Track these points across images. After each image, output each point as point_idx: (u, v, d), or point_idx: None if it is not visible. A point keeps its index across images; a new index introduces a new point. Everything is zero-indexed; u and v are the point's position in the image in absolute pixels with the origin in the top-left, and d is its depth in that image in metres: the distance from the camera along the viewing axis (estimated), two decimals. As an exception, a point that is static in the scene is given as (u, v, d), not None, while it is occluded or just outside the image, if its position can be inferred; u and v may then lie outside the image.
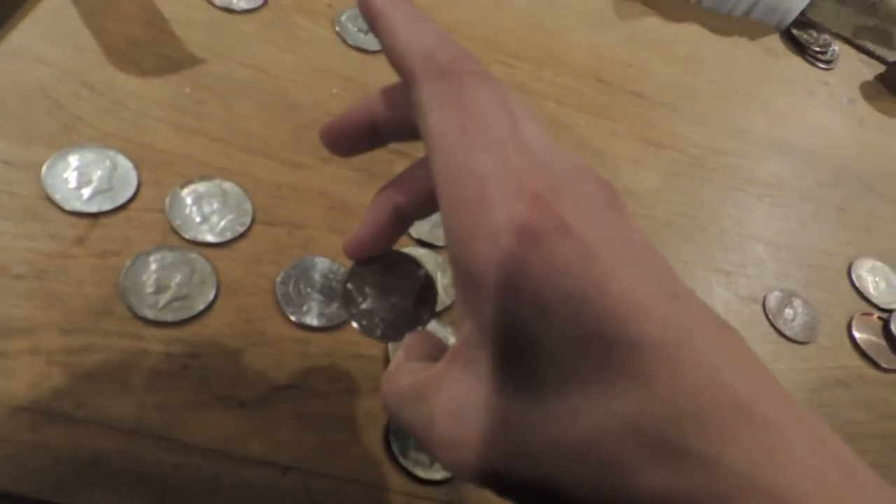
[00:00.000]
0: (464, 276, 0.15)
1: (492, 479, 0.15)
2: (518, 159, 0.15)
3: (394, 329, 0.22)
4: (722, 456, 0.12)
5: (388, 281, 0.22)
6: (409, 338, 0.20)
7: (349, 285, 0.22)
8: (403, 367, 0.19)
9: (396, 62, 0.18)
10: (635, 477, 0.13)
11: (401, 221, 0.21)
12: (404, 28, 0.18)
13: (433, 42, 0.17)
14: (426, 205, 0.21)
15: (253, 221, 0.35)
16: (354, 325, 0.22)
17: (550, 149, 0.17)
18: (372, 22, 0.19)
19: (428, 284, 0.23)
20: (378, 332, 0.22)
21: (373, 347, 0.33)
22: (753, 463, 0.12)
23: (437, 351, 0.20)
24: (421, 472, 0.30)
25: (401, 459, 0.30)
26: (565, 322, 0.14)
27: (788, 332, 0.44)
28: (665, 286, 0.14)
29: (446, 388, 0.16)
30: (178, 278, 0.32)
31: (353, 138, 0.21)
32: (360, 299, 0.22)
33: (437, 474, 0.30)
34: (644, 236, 0.16)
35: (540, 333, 0.14)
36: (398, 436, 0.31)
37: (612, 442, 0.13)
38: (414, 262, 0.22)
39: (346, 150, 0.22)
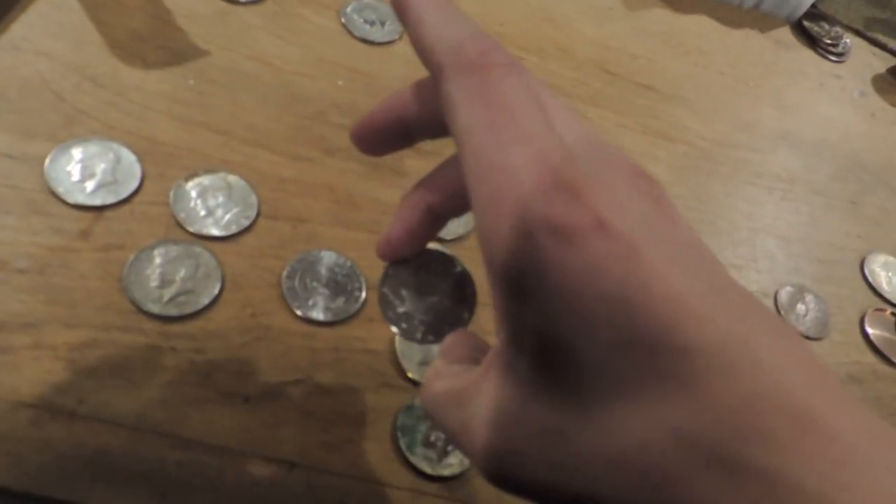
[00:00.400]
0: (498, 278, 0.15)
1: (531, 490, 0.15)
2: (550, 153, 0.14)
3: (434, 330, 0.21)
4: (783, 469, 0.11)
5: (424, 281, 0.21)
6: (448, 339, 0.20)
7: (385, 289, 0.21)
8: (443, 370, 0.18)
9: (425, 57, 0.17)
10: (687, 491, 0.12)
11: (434, 221, 0.21)
12: (434, 21, 0.17)
13: (462, 36, 0.17)
14: (460, 203, 0.20)
15: (258, 215, 0.35)
16: (394, 329, 0.21)
17: (585, 140, 0.16)
18: (401, 14, 0.18)
19: (466, 281, 0.22)
20: (418, 335, 0.21)
21: (380, 342, 0.33)
22: (818, 478, 0.11)
23: (478, 352, 0.19)
24: (428, 469, 0.30)
25: (408, 455, 0.30)
26: (607, 326, 0.13)
27: (800, 328, 0.44)
28: (714, 285, 0.13)
29: (484, 394, 0.16)
30: (182, 272, 0.31)
31: (383, 137, 0.20)
32: (396, 302, 0.21)
33: (445, 470, 0.30)
34: (689, 231, 0.15)
35: (579, 338, 0.13)
36: (405, 432, 0.30)
37: (661, 453, 0.12)
38: (449, 260, 0.22)
39: (376, 150, 0.21)
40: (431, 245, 0.22)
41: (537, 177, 0.14)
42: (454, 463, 0.30)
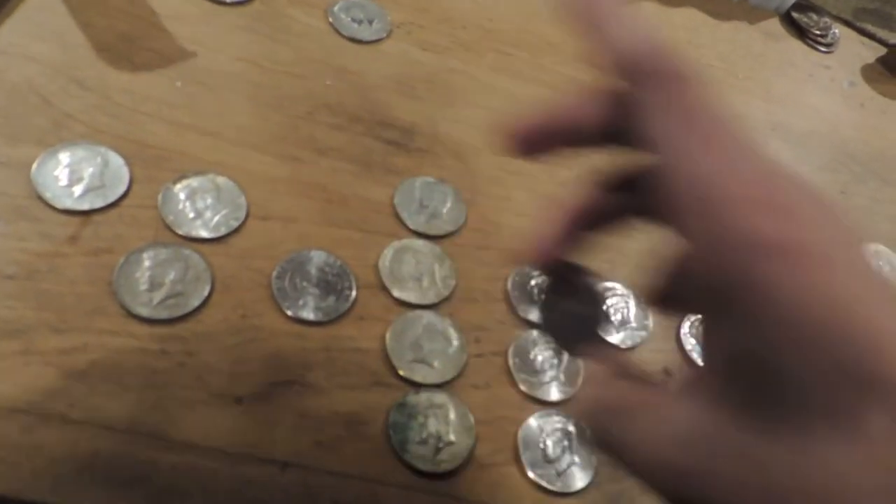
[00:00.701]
0: (710, 293, 0.14)
1: None
2: (757, 170, 0.14)
3: (579, 340, 0.21)
4: None
5: (572, 290, 0.22)
6: (612, 355, 0.20)
7: (544, 295, 0.22)
8: (609, 382, 0.18)
9: (615, 64, 0.18)
10: None
11: (587, 226, 0.21)
12: (622, 29, 0.17)
13: (652, 46, 0.17)
14: (615, 213, 0.20)
15: (247, 216, 0.35)
16: (545, 335, 0.21)
17: (771, 160, 0.16)
18: (586, 21, 0.18)
19: (602, 293, 0.22)
20: (568, 343, 0.21)
21: (371, 341, 0.33)
22: None
23: (634, 370, 0.19)
24: (422, 466, 0.30)
25: (401, 453, 0.30)
26: (820, 351, 0.12)
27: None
28: None
29: (676, 411, 0.15)
30: (172, 275, 0.31)
31: (548, 139, 0.20)
32: (551, 309, 0.22)
33: (439, 467, 0.30)
34: (871, 258, 0.15)
35: (792, 362, 0.13)
36: (398, 429, 0.31)
37: (869, 497, 0.12)
38: (585, 271, 0.22)
39: (531, 152, 0.20)
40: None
41: (747, 192, 0.14)
42: (447, 460, 0.30)
